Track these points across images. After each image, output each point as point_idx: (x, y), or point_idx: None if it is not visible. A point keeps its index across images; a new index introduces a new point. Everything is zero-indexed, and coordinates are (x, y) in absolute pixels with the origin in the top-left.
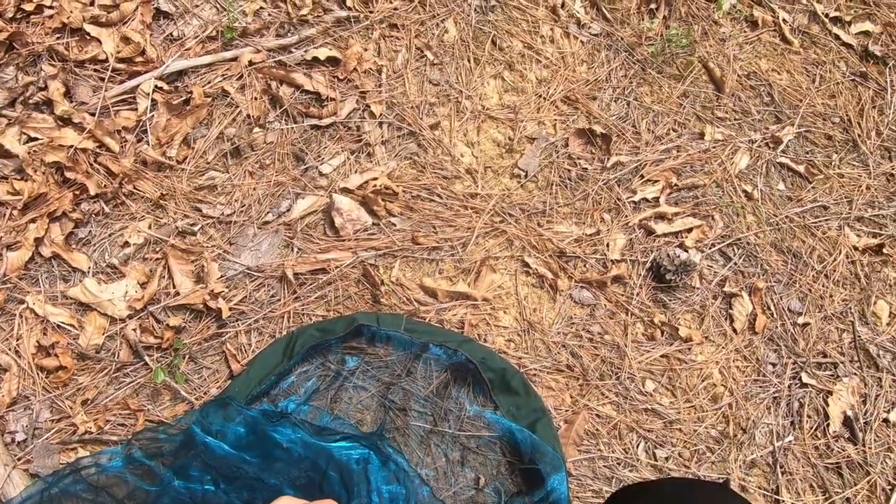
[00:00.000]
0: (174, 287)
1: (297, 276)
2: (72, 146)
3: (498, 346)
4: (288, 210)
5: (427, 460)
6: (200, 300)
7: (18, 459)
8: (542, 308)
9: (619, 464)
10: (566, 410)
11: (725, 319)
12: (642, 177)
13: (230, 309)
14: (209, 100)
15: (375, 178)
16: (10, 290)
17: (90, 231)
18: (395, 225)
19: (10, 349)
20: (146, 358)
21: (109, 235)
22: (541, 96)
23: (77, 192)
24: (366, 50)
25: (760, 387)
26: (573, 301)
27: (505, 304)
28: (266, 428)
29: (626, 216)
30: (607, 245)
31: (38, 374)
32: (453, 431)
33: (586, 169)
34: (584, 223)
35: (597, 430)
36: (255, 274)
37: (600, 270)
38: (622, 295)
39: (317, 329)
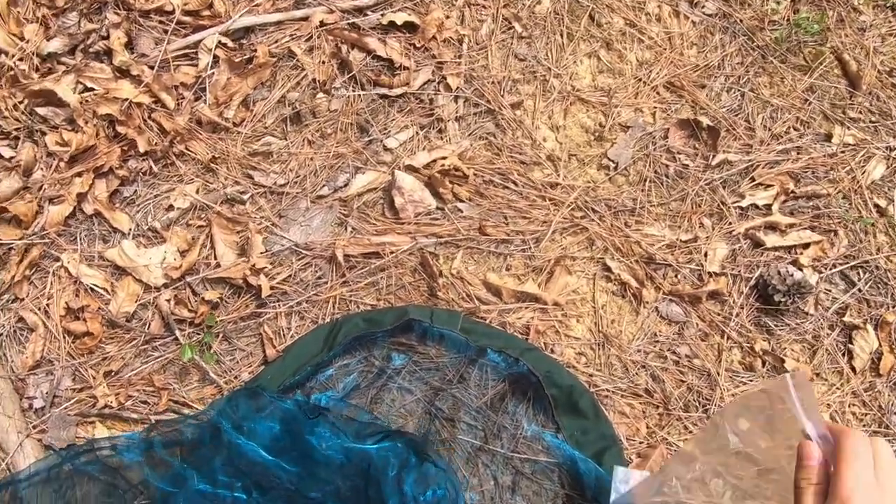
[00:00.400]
0: (215, 258)
1: (348, 259)
2: (127, 99)
3: (566, 358)
4: (345, 185)
5: (473, 482)
6: (241, 275)
7: (34, 428)
8: (621, 320)
9: None
10: (640, 442)
11: (843, 355)
12: (753, 180)
13: (272, 288)
14: (274, 60)
15: (445, 158)
16: (48, 245)
17: (135, 191)
18: (461, 211)
19: (39, 308)
20: (177, 332)
21: (155, 197)
22: (640, 80)
23: (126, 149)
24: (447, 17)
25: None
26: (659, 316)
27: (579, 312)
28: (302, 428)
29: (731, 223)
30: (705, 255)
31: (64, 337)
32: (506, 452)
33: (687, 165)
34: (679, 227)
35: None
36: (302, 252)
37: (695, 283)
38: (718, 314)
39: (363, 319)
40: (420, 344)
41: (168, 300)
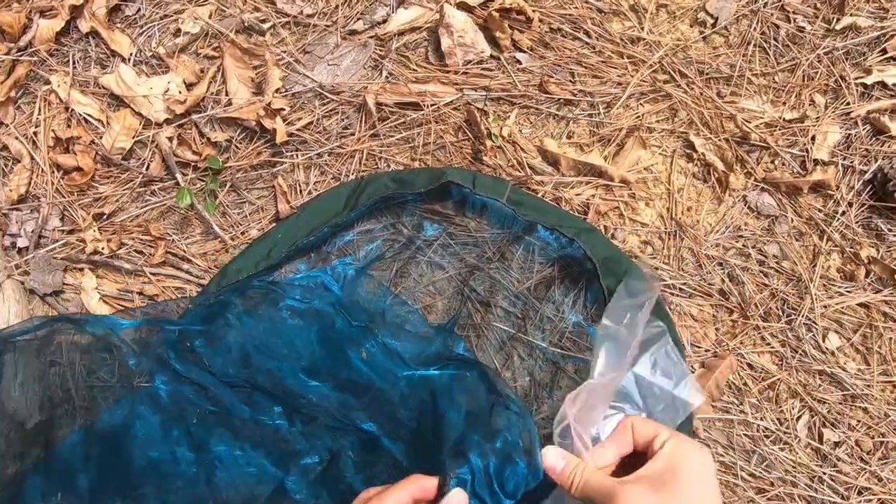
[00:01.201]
0: (227, 95)
1: (381, 108)
2: None
3: (629, 246)
4: (384, 20)
5: (506, 375)
6: (254, 116)
7: (15, 268)
8: (700, 208)
9: (766, 436)
10: (706, 350)
11: None
12: (884, 52)
13: (290, 135)
14: None
15: None
16: (36, 65)
17: (139, 10)
18: (519, 63)
19: (25, 136)
20: (178, 176)
21: (161, 18)
22: None
23: None
24: None
25: None
26: (747, 206)
27: (650, 194)
28: (344, 344)
29: (849, 103)
30: (813, 138)
31: (52, 171)
32: (546, 346)
33: (803, 28)
34: (784, 103)
35: (745, 384)
36: (327, 95)
37: (796, 171)
38: (820, 210)
39: (392, 179)
40: (457, 214)
41: (170, 138)
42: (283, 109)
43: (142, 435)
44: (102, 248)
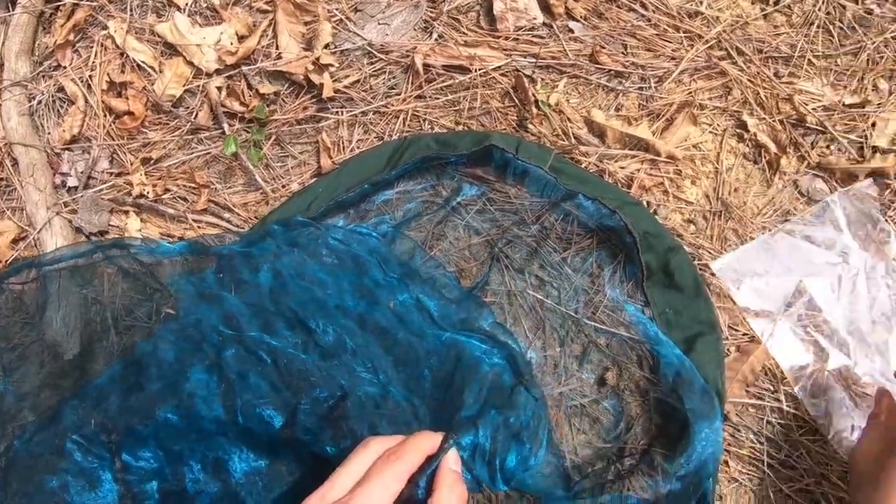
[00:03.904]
0: (277, 49)
1: (428, 69)
2: None
3: (672, 224)
4: None
5: (537, 343)
6: (303, 70)
7: (64, 206)
8: (748, 189)
9: (799, 427)
10: (743, 334)
11: None
12: None
13: (336, 91)
14: None
15: None
16: (96, 10)
17: None
18: (572, 31)
19: (81, 80)
20: (225, 125)
21: None
22: None
23: None
24: None
25: None
26: (798, 191)
27: (697, 172)
28: (378, 290)
29: None
30: (873, 125)
31: (105, 115)
32: (580, 317)
33: (871, 11)
34: (845, 87)
35: (782, 371)
36: (376, 54)
37: (852, 158)
38: (876, 199)
39: (435, 140)
40: (498, 180)
41: (219, 88)
42: (331, 65)
43: (162, 358)
44: (148, 192)
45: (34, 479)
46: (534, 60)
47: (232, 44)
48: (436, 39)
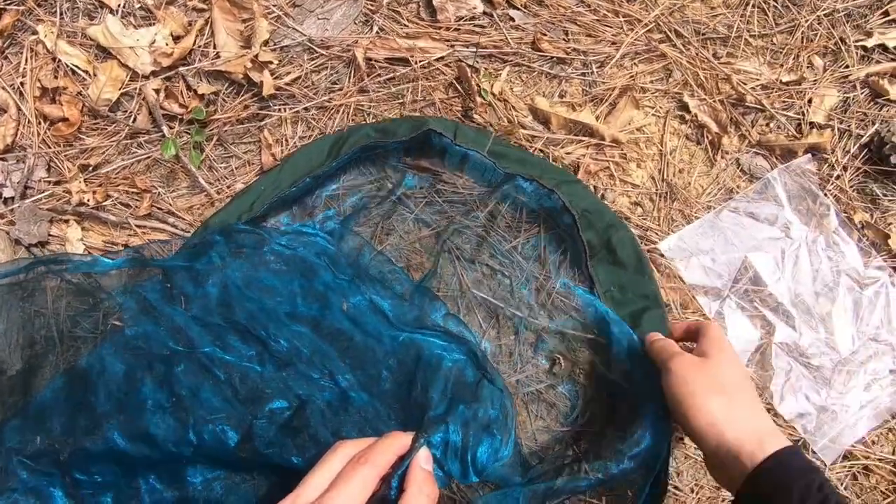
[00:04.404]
0: (215, 48)
1: (371, 63)
2: None
3: (619, 207)
4: None
5: (492, 333)
6: (242, 69)
7: (1, 218)
8: (692, 170)
9: None
10: (694, 313)
11: None
12: (887, 14)
13: (277, 89)
14: None
15: None
16: (24, 14)
17: None
18: (513, 20)
19: (12, 87)
20: (164, 128)
21: None
22: None
23: None
24: None
25: None
26: (740, 169)
27: (641, 155)
28: (329, 292)
29: (848, 66)
30: (809, 101)
31: (39, 122)
32: (532, 303)
33: None
34: (781, 65)
35: None
36: (316, 50)
37: (791, 134)
38: (815, 174)
39: (374, 129)
40: (444, 171)
41: (157, 90)
42: (271, 63)
43: (110, 373)
44: (88, 200)
45: None
46: (475, 50)
47: (167, 45)
48: (377, 32)
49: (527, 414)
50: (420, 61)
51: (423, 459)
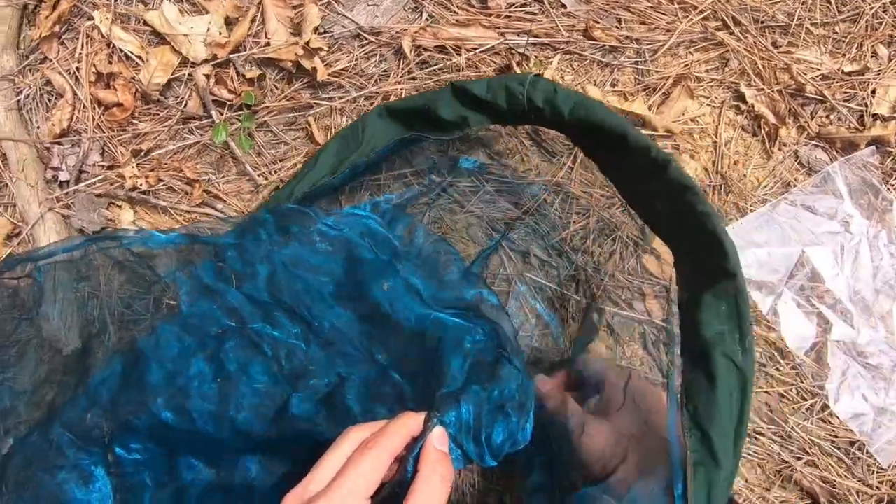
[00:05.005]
0: (266, 36)
1: (419, 51)
2: None
3: None
4: None
5: (541, 322)
6: (292, 56)
7: (57, 200)
8: (748, 162)
9: (803, 399)
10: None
11: None
12: None
13: (327, 75)
14: None
15: None
16: (80, 1)
17: None
18: (564, 7)
19: (68, 72)
20: (214, 113)
21: None
22: None
23: None
24: None
25: None
26: (798, 162)
27: (695, 146)
28: (369, 276)
29: None
30: (873, 92)
31: (94, 107)
32: (581, 299)
33: None
34: (844, 55)
35: (785, 343)
36: (366, 37)
37: (852, 126)
38: (877, 168)
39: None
40: (495, 160)
41: (207, 76)
42: (321, 50)
43: (164, 351)
44: (140, 184)
45: (30, 477)
46: (527, 38)
47: (220, 33)
48: (426, 20)
49: None
50: (470, 49)
51: (437, 439)
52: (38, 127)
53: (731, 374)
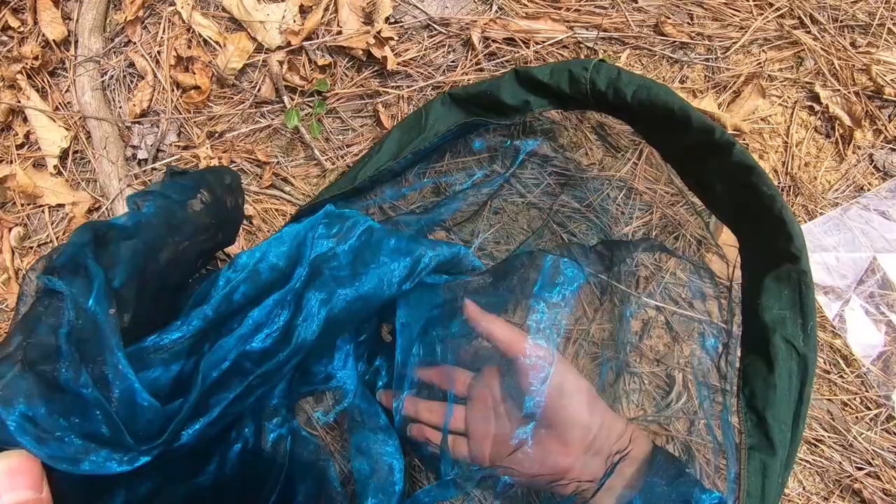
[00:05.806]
0: (338, 24)
1: (487, 43)
2: None
3: None
4: None
5: (596, 315)
6: (363, 45)
7: (135, 178)
8: (819, 164)
9: (867, 408)
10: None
11: None
12: None
13: (397, 64)
14: None
15: None
16: None
17: None
18: (636, 1)
19: (150, 55)
20: (286, 99)
21: None
22: None
23: None
24: None
25: None
26: (873, 165)
27: (765, 146)
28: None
29: None
30: None
31: (172, 89)
32: (640, 296)
33: None
34: None
35: (851, 350)
36: (436, 28)
37: None
38: None
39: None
40: (559, 153)
41: (280, 62)
42: (391, 39)
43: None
44: (214, 165)
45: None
46: (596, 32)
47: (295, 21)
48: (496, 11)
49: (626, 402)
50: (539, 42)
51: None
52: (121, 107)
53: (791, 359)
